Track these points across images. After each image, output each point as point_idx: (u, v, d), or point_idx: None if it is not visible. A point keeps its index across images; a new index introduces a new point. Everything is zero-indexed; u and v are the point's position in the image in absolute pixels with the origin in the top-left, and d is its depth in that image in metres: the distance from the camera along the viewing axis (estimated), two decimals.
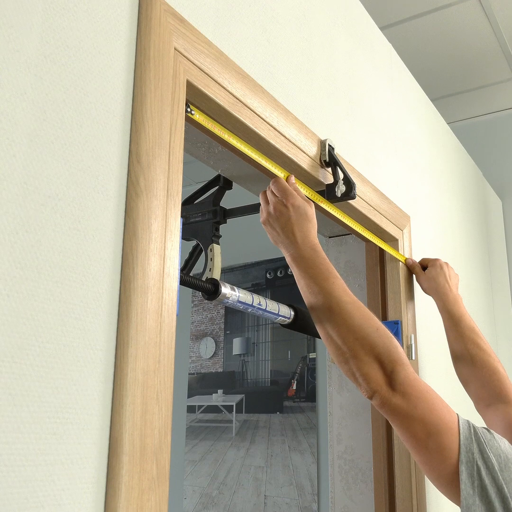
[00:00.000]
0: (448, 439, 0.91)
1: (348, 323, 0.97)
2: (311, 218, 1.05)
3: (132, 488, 0.67)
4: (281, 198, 1.05)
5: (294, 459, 2.97)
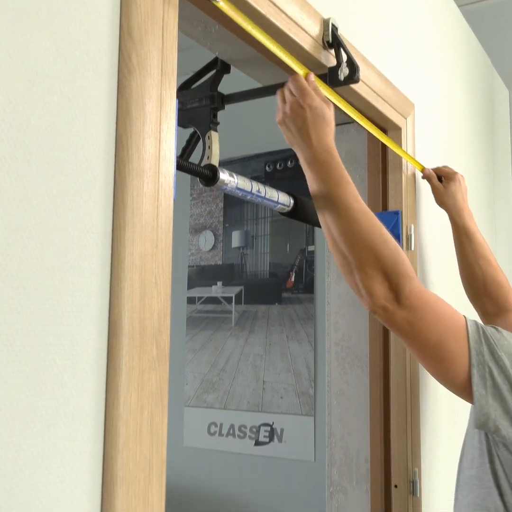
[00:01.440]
0: (457, 346, 0.91)
1: (355, 231, 0.93)
2: (329, 120, 1.00)
3: (133, 368, 0.68)
4: (298, 98, 0.99)
5: (292, 347, 3.06)
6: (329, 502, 1.53)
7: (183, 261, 3.42)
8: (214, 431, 3.27)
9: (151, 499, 0.70)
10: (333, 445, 1.54)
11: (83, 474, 0.64)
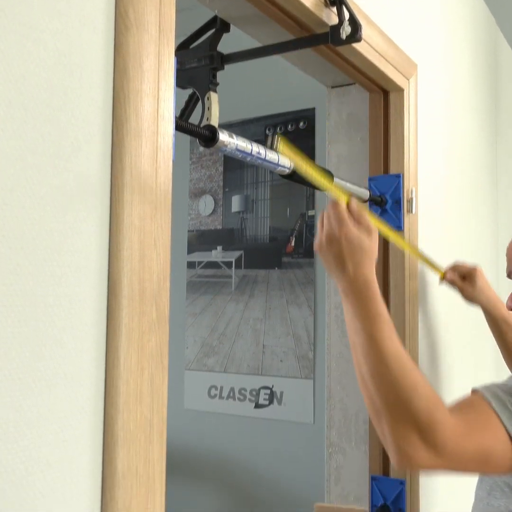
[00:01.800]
0: (502, 463, 0.89)
1: (385, 376, 0.87)
2: (368, 251, 0.93)
3: (132, 330, 0.68)
4: (335, 227, 0.94)
5: (291, 311, 3.08)
6: (328, 462, 1.56)
7: (183, 226, 3.41)
8: (215, 394, 3.30)
9: (151, 458, 0.70)
10: (332, 407, 1.56)
11: (84, 433, 0.64)
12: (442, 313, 1.71)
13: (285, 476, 3.06)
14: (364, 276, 0.92)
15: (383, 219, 1.18)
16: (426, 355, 1.58)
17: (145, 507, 0.69)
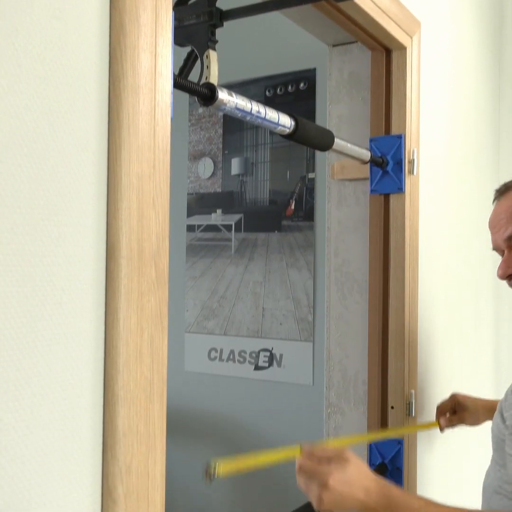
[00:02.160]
0: None
1: None
2: (355, 473, 0.91)
3: (132, 290, 0.68)
4: (320, 485, 0.91)
5: (291, 275, 3.08)
6: (327, 422, 1.57)
7: (182, 189, 3.39)
8: (215, 356, 3.33)
9: (152, 417, 0.71)
10: (331, 368, 1.57)
11: (84, 393, 0.64)
12: (442, 273, 1.71)
13: (285, 437, 3.11)
14: (378, 497, 0.91)
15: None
16: (426, 316, 1.59)
17: (145, 465, 0.70)
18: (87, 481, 0.65)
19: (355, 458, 0.94)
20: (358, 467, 0.93)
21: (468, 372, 1.96)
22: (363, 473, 0.92)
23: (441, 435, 1.63)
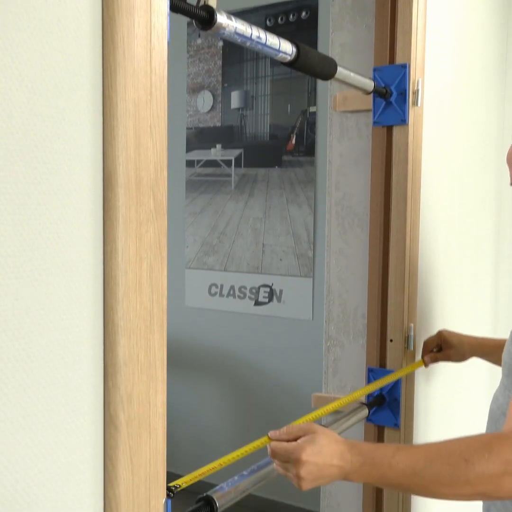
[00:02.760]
0: None
1: (441, 486, 0.90)
2: (325, 444, 0.92)
3: (130, 220, 0.67)
4: (293, 460, 0.92)
5: (291, 210, 3.06)
6: (326, 355, 1.59)
7: (181, 123, 3.33)
8: (215, 292, 3.35)
9: (152, 347, 0.71)
10: (331, 302, 1.57)
11: (84, 322, 0.64)
12: (444, 207, 1.70)
13: (285, 370, 3.16)
14: (352, 456, 0.92)
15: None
16: (427, 251, 1.59)
17: (146, 393, 0.70)
18: (89, 409, 0.65)
19: (321, 428, 0.96)
20: (326, 436, 0.94)
21: (467, 307, 1.97)
22: (333, 440, 0.93)
23: (440, 367, 1.66)
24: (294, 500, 3.15)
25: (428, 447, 0.93)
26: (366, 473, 0.92)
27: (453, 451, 0.89)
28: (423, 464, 0.89)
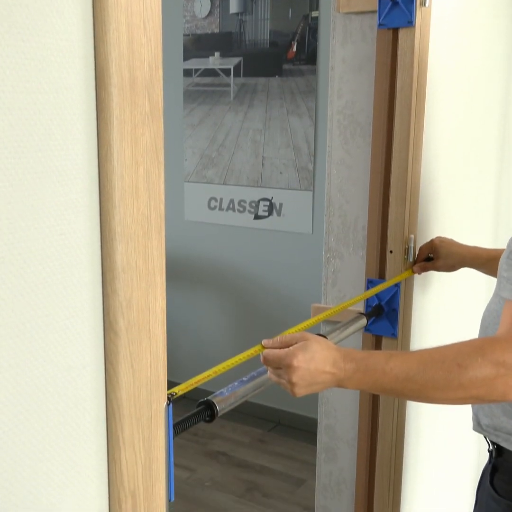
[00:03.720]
0: None
1: (429, 395, 0.92)
2: (318, 350, 0.92)
3: (124, 122, 0.64)
4: (285, 366, 0.93)
5: (292, 122, 3.00)
6: (325, 267, 1.60)
7: (177, 29, 3.20)
8: (214, 205, 3.33)
9: (151, 254, 0.70)
10: (331, 214, 1.56)
11: (81, 226, 0.63)
12: (449, 116, 1.65)
13: (284, 283, 3.20)
14: (345, 364, 0.92)
15: None
16: (430, 161, 1.56)
17: (146, 300, 0.70)
18: (88, 315, 0.65)
19: (314, 336, 0.96)
20: (318, 343, 0.94)
21: (469, 219, 1.96)
22: (325, 347, 0.94)
23: (437, 279, 1.66)
24: (294, 407, 3.26)
25: (421, 353, 0.94)
26: (359, 380, 0.93)
27: (446, 356, 0.91)
28: (416, 370, 0.90)
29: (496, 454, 1.13)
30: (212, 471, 2.90)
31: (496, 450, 1.13)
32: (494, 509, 1.10)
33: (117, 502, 0.70)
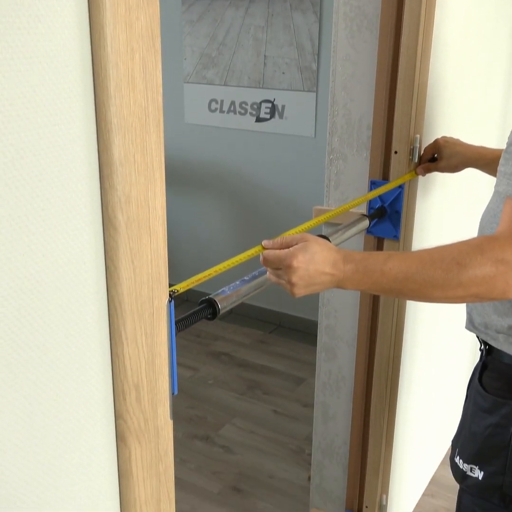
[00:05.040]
0: None
1: (434, 289, 0.90)
2: (317, 251, 0.92)
3: (118, 4, 0.60)
4: (285, 267, 0.93)
5: (295, 18, 2.86)
6: (328, 168, 1.57)
7: None
8: (215, 108, 3.25)
9: (149, 148, 0.68)
10: (335, 113, 1.51)
11: (77, 120, 0.61)
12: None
13: (285, 186, 3.17)
14: (344, 265, 0.92)
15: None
16: (439, 57, 1.49)
17: (145, 196, 0.68)
18: (87, 210, 0.64)
19: (314, 237, 0.96)
20: (319, 244, 0.93)
21: (476, 121, 1.91)
22: (325, 248, 0.93)
23: (441, 182, 1.64)
24: (294, 310, 3.31)
25: (420, 253, 0.94)
26: (358, 281, 0.93)
27: (445, 255, 0.90)
28: (415, 269, 0.90)
29: (486, 352, 1.15)
30: (215, 370, 2.99)
31: (486, 348, 1.15)
32: (480, 405, 1.14)
33: (121, 393, 0.71)
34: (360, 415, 1.70)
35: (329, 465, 1.84)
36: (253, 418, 2.63)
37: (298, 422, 2.61)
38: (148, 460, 0.76)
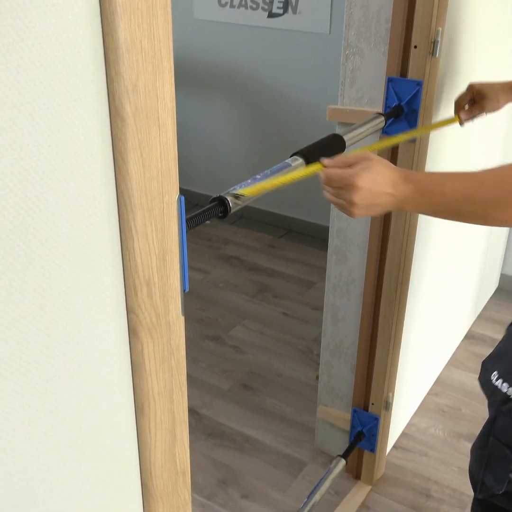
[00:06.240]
0: None
1: (495, 210, 0.88)
2: (379, 171, 0.90)
3: None
4: (346, 186, 0.91)
5: None
6: (344, 65, 1.50)
7: None
8: (225, 2, 3.10)
9: (156, 34, 0.64)
10: (352, 4, 1.43)
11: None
12: None
13: (299, 85, 3.07)
14: (404, 185, 0.91)
15: None
16: None
17: (153, 85, 0.65)
18: (92, 99, 0.61)
19: (378, 157, 0.94)
20: (382, 164, 0.92)
21: (492, 64, 1.81)
22: (388, 168, 0.92)
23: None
24: (305, 215, 3.30)
25: (478, 174, 0.92)
26: (418, 202, 0.92)
27: (505, 177, 0.88)
28: (477, 189, 0.89)
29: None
30: (225, 273, 3.02)
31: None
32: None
33: (133, 289, 0.71)
34: (369, 317, 1.72)
35: (337, 365, 1.88)
36: (263, 320, 2.68)
37: (307, 324, 2.65)
38: (160, 354, 0.77)
